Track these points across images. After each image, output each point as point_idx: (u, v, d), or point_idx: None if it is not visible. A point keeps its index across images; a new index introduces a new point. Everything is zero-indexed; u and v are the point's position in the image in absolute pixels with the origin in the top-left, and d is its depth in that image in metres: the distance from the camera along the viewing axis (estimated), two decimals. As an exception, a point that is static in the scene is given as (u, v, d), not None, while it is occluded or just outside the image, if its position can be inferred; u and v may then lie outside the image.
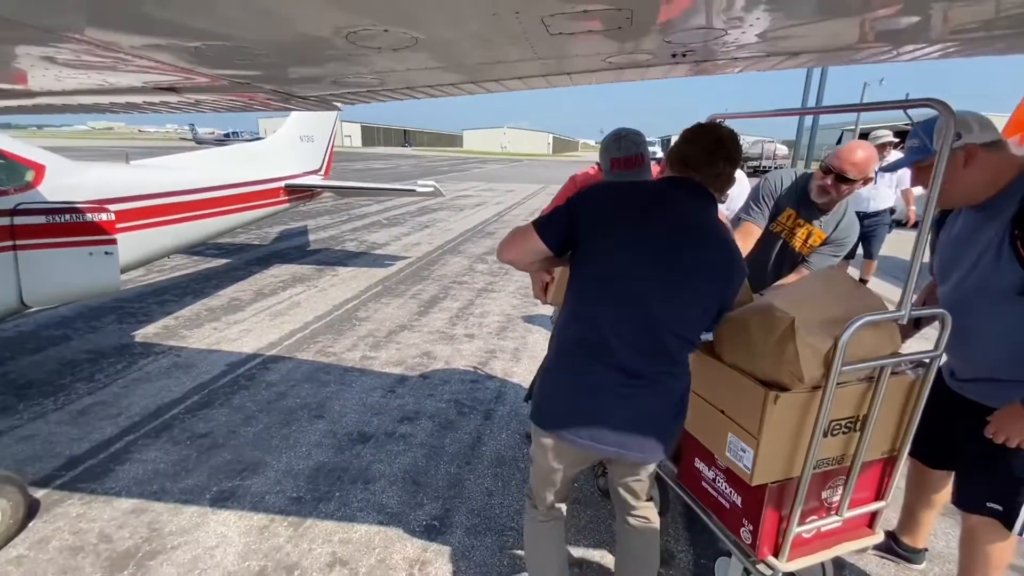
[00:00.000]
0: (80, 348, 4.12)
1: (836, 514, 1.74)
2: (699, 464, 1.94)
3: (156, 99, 1.83)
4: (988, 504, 1.65)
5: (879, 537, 1.86)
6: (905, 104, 1.58)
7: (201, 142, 27.21)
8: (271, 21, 0.98)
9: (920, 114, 1.60)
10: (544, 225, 1.43)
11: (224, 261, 7.19)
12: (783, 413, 1.51)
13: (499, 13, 0.93)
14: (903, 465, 1.80)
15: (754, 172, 24.15)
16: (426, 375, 3.84)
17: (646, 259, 1.34)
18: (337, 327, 4.76)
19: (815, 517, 1.73)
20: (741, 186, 3.16)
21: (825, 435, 1.58)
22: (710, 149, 1.39)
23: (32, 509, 2.31)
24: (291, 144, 6.58)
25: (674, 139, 1.66)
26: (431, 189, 6.29)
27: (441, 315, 5.16)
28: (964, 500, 1.71)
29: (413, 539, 2.24)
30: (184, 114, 2.72)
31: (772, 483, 1.62)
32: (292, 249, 8.12)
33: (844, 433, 1.63)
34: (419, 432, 3.06)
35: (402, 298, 5.68)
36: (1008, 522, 1.62)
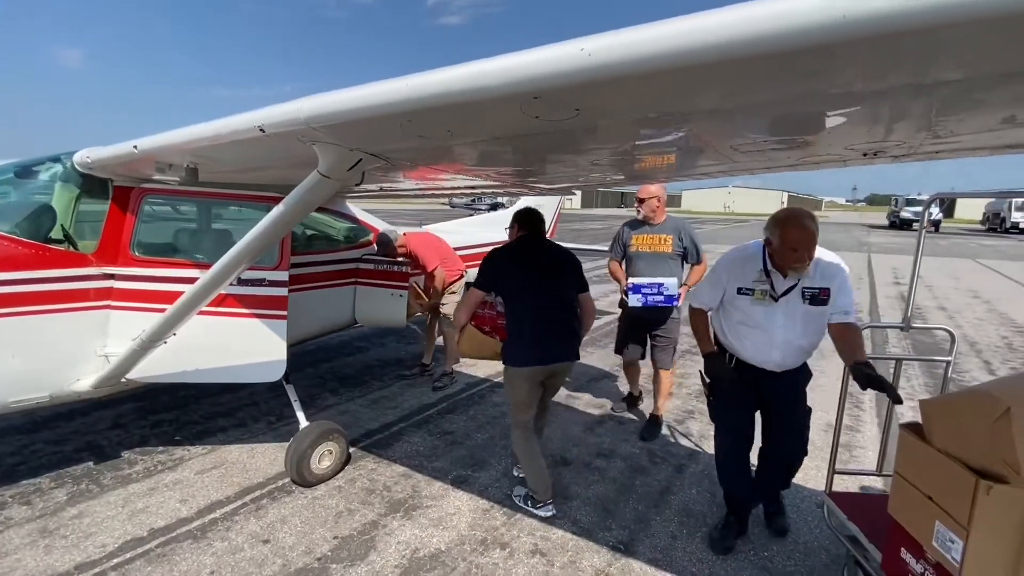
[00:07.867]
0: (373, 357, 5.68)
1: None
2: (905, 555, 1.84)
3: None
4: None
5: None
6: None
7: (454, 207, 34.87)
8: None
9: None
10: None
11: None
12: (1000, 506, 1.44)
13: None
14: None
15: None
16: (622, 421, 4.18)
17: None
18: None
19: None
20: None
21: (1071, 549, 1.42)
22: None
23: (348, 457, 3.41)
24: (526, 212, 7.87)
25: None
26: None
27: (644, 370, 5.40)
28: None
29: (601, 552, 2.58)
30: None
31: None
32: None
33: (1102, 554, 1.43)
34: (612, 467, 3.40)
35: (604, 350, 6.11)
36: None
